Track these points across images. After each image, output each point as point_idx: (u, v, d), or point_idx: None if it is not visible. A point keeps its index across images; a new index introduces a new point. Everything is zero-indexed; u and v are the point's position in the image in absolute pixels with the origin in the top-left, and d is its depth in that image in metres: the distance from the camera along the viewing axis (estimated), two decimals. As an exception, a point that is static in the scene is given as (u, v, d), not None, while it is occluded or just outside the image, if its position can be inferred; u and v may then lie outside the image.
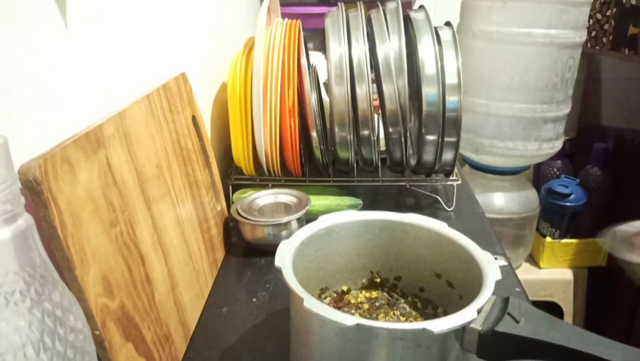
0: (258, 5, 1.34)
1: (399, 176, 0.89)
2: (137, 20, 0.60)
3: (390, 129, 0.78)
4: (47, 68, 0.42)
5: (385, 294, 0.60)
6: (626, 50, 1.55)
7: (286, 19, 0.83)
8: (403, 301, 0.59)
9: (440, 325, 0.40)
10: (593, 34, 1.67)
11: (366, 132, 0.79)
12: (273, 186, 0.84)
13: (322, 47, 0.88)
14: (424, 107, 0.76)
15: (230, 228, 0.78)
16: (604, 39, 1.64)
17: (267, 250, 0.75)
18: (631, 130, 1.68)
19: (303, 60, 0.80)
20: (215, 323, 0.61)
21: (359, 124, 0.78)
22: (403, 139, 0.78)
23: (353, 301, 0.58)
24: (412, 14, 0.81)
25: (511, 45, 1.32)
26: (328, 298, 0.59)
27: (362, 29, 0.76)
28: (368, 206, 0.85)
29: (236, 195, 0.84)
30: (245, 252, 0.76)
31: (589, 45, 1.68)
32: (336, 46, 0.76)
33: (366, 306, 0.57)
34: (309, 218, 0.78)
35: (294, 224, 0.74)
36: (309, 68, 0.81)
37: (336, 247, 0.57)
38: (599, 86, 1.85)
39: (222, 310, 0.63)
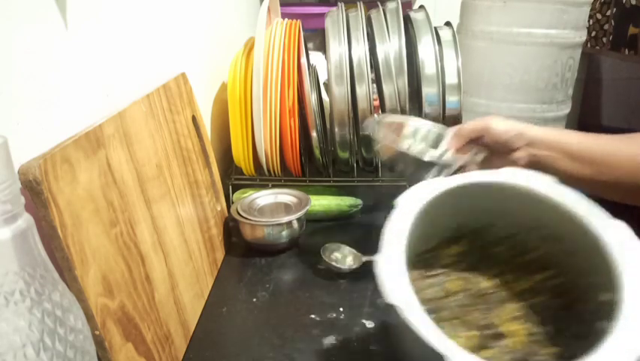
0: (258, 5, 1.34)
1: (399, 176, 0.89)
2: (137, 20, 0.60)
3: (390, 129, 0.78)
4: (47, 68, 0.42)
5: (475, 245, 0.51)
6: (626, 50, 1.55)
7: (286, 19, 0.83)
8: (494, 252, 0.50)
9: None
10: (593, 34, 1.67)
11: (366, 132, 0.79)
12: (273, 186, 0.84)
13: (322, 47, 0.88)
14: (424, 107, 0.76)
15: (231, 228, 0.78)
16: (604, 39, 1.64)
17: (267, 250, 0.75)
18: (631, 130, 1.68)
19: (303, 60, 0.80)
20: (215, 323, 0.61)
21: (359, 124, 0.78)
22: (403, 139, 0.78)
23: (441, 266, 0.51)
24: (412, 14, 0.81)
25: (511, 45, 1.32)
26: (413, 272, 0.50)
27: (362, 29, 0.76)
28: (368, 206, 0.85)
29: (236, 195, 0.84)
30: (245, 252, 0.76)
31: (589, 45, 1.68)
32: (336, 46, 0.76)
33: (458, 270, 0.50)
34: (308, 218, 0.78)
35: (294, 224, 0.74)
36: (309, 68, 0.81)
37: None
38: (599, 86, 1.85)
39: (222, 310, 0.63)
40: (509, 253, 0.50)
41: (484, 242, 0.52)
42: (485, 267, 0.50)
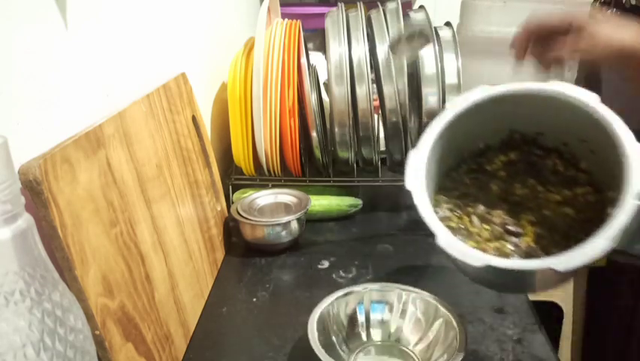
0: (258, 5, 1.33)
1: (399, 176, 0.89)
2: (137, 20, 0.60)
3: (390, 130, 0.78)
4: (47, 68, 0.42)
5: (524, 154, 0.56)
6: (626, 50, 1.54)
7: (286, 19, 0.83)
8: (542, 162, 0.55)
9: (565, 262, 0.38)
10: (593, 34, 1.67)
11: (366, 132, 0.79)
12: (273, 186, 0.84)
13: (322, 47, 0.88)
14: (424, 107, 0.76)
15: (231, 228, 0.78)
16: (604, 39, 1.63)
17: (267, 250, 0.75)
18: (631, 130, 1.68)
19: (303, 60, 0.80)
20: (215, 323, 0.61)
21: (359, 124, 0.78)
22: (403, 139, 0.78)
23: (488, 167, 0.56)
24: (412, 14, 0.81)
25: (511, 45, 1.32)
26: (464, 167, 0.57)
27: (362, 29, 0.76)
28: (368, 206, 0.85)
29: (236, 195, 0.84)
30: (245, 252, 0.76)
31: (589, 45, 1.67)
32: (336, 46, 0.76)
33: (502, 174, 0.55)
34: (308, 218, 0.78)
35: (294, 224, 0.74)
36: (309, 68, 0.81)
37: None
38: (599, 86, 1.84)
39: (222, 310, 0.63)
40: (555, 165, 0.54)
41: (534, 153, 0.55)
42: (526, 176, 0.54)
